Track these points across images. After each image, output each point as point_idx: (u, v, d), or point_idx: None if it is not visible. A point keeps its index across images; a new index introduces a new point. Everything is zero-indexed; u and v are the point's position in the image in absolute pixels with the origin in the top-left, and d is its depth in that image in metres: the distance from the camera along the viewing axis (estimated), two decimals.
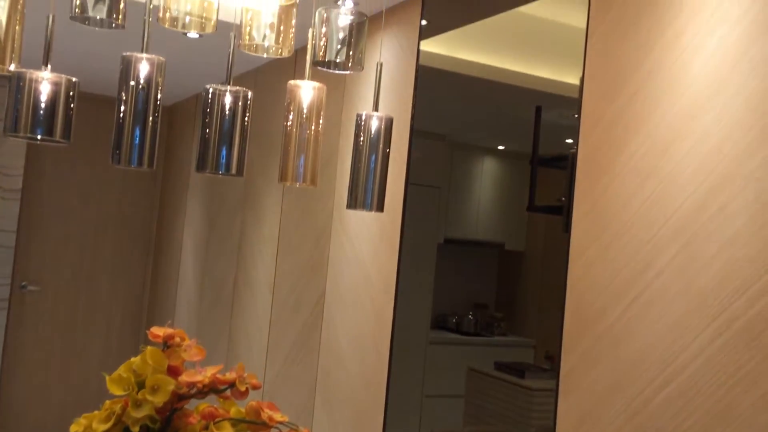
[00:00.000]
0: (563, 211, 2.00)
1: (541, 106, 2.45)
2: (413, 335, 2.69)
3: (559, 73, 2.32)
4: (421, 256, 2.69)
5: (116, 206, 5.27)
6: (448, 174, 2.79)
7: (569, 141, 2.05)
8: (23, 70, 1.50)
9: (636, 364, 1.65)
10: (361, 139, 1.83)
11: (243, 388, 1.46)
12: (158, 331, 1.55)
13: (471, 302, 2.72)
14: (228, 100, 1.71)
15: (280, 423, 1.53)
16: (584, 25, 1.93)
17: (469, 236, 2.77)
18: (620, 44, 1.81)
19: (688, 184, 1.58)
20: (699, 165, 1.56)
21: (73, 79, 1.56)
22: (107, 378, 1.47)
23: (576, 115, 1.93)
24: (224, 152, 1.65)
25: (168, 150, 5.33)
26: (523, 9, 2.35)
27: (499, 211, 2.73)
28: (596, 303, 1.77)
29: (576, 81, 1.97)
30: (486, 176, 2.78)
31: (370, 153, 1.80)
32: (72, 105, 1.56)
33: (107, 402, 1.50)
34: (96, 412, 1.51)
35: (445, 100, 2.76)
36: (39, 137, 1.50)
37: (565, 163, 2.05)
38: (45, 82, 1.50)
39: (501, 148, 2.77)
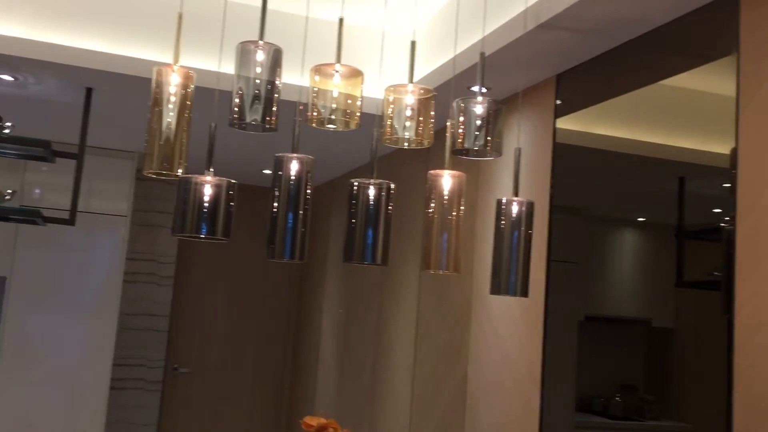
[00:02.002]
0: (719, 287, 1.88)
1: (684, 176, 2.36)
2: (558, 419, 2.58)
3: (703, 142, 2.24)
4: (561, 334, 2.61)
5: (259, 290, 5.50)
6: (587, 248, 2.71)
7: (717, 210, 1.95)
8: (189, 175, 1.63)
9: None
10: (503, 224, 1.83)
11: None
12: (312, 421, 1.58)
13: (617, 383, 2.58)
14: (372, 192, 1.77)
15: None
16: (731, 93, 1.86)
17: (611, 312, 2.65)
18: None
19: None
20: None
21: (232, 181, 1.68)
22: None
23: (727, 185, 1.84)
24: (369, 243, 1.70)
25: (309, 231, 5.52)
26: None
27: (643, 285, 2.61)
28: None
29: (722, 150, 1.88)
30: (627, 249, 2.68)
31: (511, 238, 1.79)
32: (231, 204, 1.68)
33: None
34: None
35: (583, 175, 2.72)
36: (203, 236, 1.61)
37: (716, 236, 1.94)
38: (208, 186, 1.62)
39: (641, 219, 2.68)
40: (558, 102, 2.61)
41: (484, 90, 1.82)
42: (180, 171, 1.62)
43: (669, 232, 2.35)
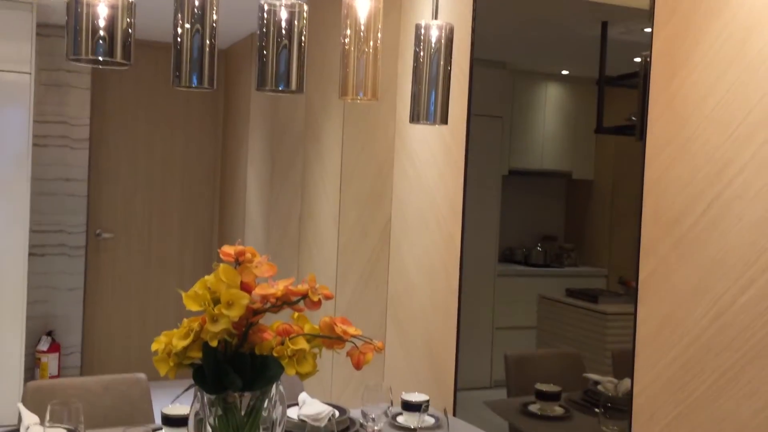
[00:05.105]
0: (635, 131, 1.92)
1: (607, 21, 2.33)
2: (481, 269, 2.66)
3: None
4: (485, 189, 2.64)
5: (181, 150, 5.35)
6: (510, 103, 2.70)
7: (638, 60, 1.95)
8: None
9: (718, 264, 1.58)
10: (422, 50, 1.77)
11: (316, 299, 1.45)
12: (229, 249, 1.56)
13: (539, 234, 2.65)
14: (284, 14, 1.67)
15: (354, 337, 1.53)
16: None
17: (534, 167, 2.68)
18: None
19: None
20: None
21: (130, 0, 1.55)
22: (183, 295, 1.49)
23: (648, 30, 1.83)
24: (283, 67, 1.62)
25: (227, 92, 5.36)
26: None
27: (565, 139, 2.63)
28: (675, 204, 1.69)
29: None
30: (550, 103, 2.68)
31: (431, 64, 1.74)
32: (131, 28, 1.55)
33: (185, 320, 1.52)
34: (175, 330, 1.53)
35: (505, 23, 2.66)
36: (101, 59, 1.49)
37: (635, 81, 1.95)
38: (102, 5, 1.49)
39: (565, 73, 2.66)
40: None
41: None
42: None
43: (591, 84, 2.35)
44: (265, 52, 1.64)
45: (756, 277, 1.49)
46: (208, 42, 1.59)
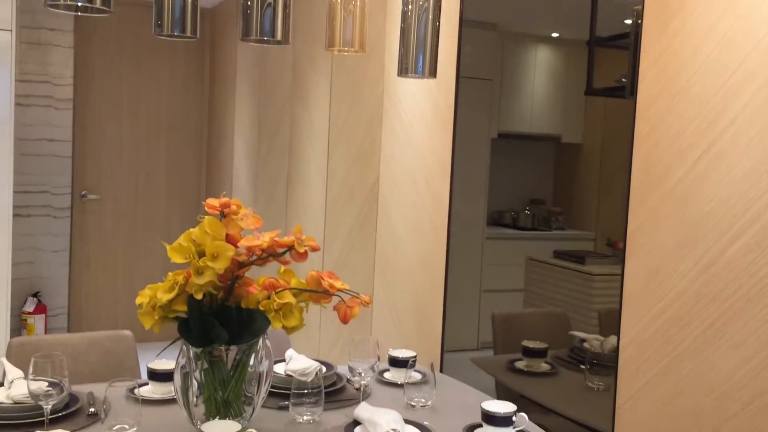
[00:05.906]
0: (625, 93, 1.90)
1: None
2: (469, 232, 2.66)
3: None
4: (474, 152, 2.62)
5: (166, 110, 5.28)
6: (499, 66, 2.67)
7: (628, 21, 1.92)
8: None
9: (707, 216, 1.57)
10: (410, 2, 1.74)
11: (302, 250, 1.44)
12: (214, 202, 1.53)
13: (527, 198, 2.65)
14: None
15: (341, 291, 1.52)
16: None
17: (523, 130, 2.67)
18: None
19: (767, 21, 1.45)
20: None
21: None
22: (168, 247, 1.46)
23: None
24: (268, 16, 1.58)
25: (212, 52, 5.28)
26: None
27: (554, 103, 2.61)
28: (665, 157, 1.68)
29: None
30: (540, 67, 2.65)
31: (420, 14, 1.71)
32: None
33: (170, 274, 1.50)
34: (159, 283, 1.51)
35: None
36: (80, 5, 1.45)
37: (626, 42, 1.93)
38: None
39: (555, 35, 2.63)
40: None
41: None
42: None
43: (582, 47, 2.32)
44: (249, 3, 1.60)
45: (745, 228, 1.49)
46: None
